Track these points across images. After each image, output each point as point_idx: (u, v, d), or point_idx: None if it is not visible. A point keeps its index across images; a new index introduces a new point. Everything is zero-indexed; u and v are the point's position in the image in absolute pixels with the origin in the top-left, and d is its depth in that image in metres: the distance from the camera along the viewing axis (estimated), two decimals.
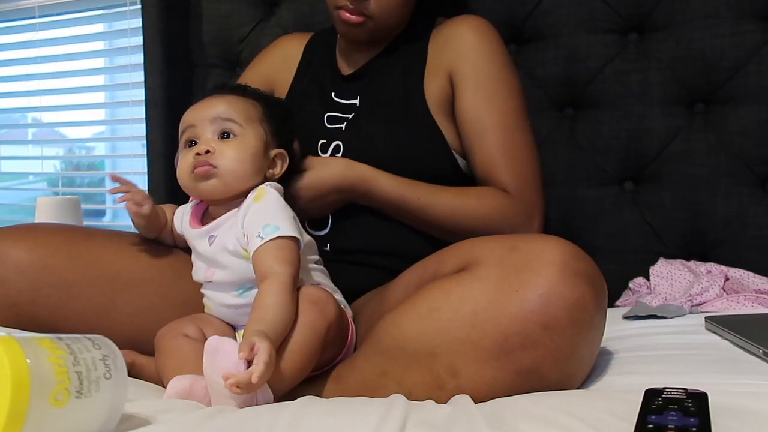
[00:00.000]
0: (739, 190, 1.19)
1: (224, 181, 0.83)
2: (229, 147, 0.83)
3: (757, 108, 1.17)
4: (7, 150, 2.34)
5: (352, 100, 1.06)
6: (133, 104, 1.86)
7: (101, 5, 1.93)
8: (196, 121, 0.85)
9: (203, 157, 0.82)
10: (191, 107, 0.88)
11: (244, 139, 0.84)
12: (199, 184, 0.83)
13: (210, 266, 0.85)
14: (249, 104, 0.88)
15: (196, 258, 0.88)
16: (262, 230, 0.78)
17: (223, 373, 0.65)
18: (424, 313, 0.71)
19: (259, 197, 0.82)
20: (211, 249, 0.84)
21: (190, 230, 0.88)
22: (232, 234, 0.82)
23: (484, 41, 1.03)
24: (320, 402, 0.67)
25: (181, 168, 0.85)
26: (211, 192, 0.84)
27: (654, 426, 0.51)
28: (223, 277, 0.84)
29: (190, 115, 0.87)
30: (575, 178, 1.27)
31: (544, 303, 0.65)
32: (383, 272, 0.96)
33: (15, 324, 0.84)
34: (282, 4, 1.47)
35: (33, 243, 0.88)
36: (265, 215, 0.80)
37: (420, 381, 0.70)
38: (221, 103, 0.86)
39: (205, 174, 0.82)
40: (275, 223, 0.78)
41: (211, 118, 0.84)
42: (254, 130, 0.86)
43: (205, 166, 0.82)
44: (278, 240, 0.78)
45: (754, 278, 1.05)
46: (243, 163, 0.83)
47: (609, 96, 1.26)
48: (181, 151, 0.87)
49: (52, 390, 0.50)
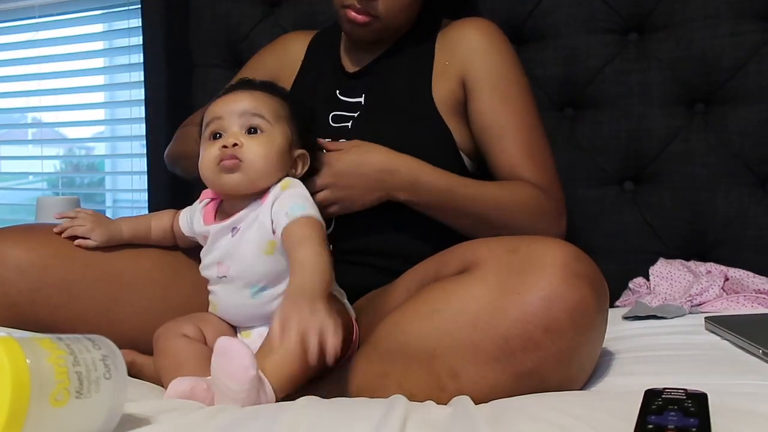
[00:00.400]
0: (739, 190, 1.19)
1: (248, 177, 0.82)
2: (256, 143, 0.83)
3: (757, 108, 1.17)
4: (7, 150, 2.34)
5: (357, 98, 1.05)
6: (133, 104, 1.86)
7: (101, 5, 1.93)
8: (223, 113, 0.84)
9: (230, 150, 0.81)
10: (218, 99, 0.87)
11: (271, 136, 0.84)
12: (223, 177, 0.82)
13: (225, 261, 0.84)
14: (277, 102, 0.87)
15: (209, 253, 0.86)
16: (289, 210, 0.78)
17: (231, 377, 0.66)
18: (425, 315, 0.71)
19: (286, 186, 0.83)
20: (233, 240, 0.83)
21: (207, 227, 0.86)
22: (256, 226, 0.82)
23: (494, 43, 1.03)
24: (320, 402, 0.67)
25: (205, 159, 0.84)
26: (233, 186, 0.83)
27: (654, 426, 0.51)
28: (238, 272, 0.83)
29: (217, 107, 0.85)
30: (575, 178, 1.27)
31: (545, 305, 0.65)
32: (385, 273, 0.96)
33: (15, 324, 0.84)
34: (282, 4, 1.47)
35: (33, 243, 0.88)
36: (293, 200, 0.80)
37: (420, 382, 0.70)
38: (250, 97, 0.85)
39: (231, 167, 0.81)
40: (302, 204, 0.79)
41: (240, 112, 0.83)
42: (281, 128, 0.85)
43: (232, 159, 0.81)
44: (305, 218, 0.78)
45: (753, 278, 1.05)
46: (269, 160, 0.83)
47: (609, 96, 1.26)
48: (204, 143, 0.85)
49: (52, 390, 0.50)
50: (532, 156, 1.00)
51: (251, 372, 0.66)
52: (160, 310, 0.92)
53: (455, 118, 1.02)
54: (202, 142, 0.86)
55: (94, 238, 0.90)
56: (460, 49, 1.03)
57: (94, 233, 0.90)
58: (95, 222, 0.91)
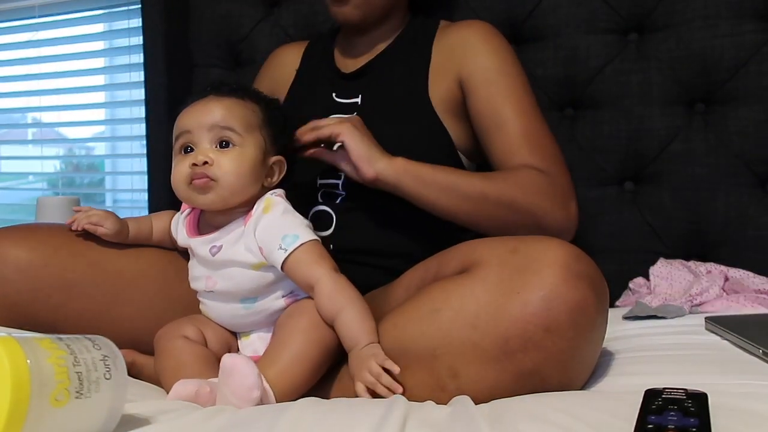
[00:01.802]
0: (739, 190, 1.19)
1: (221, 196, 0.80)
2: (227, 158, 0.80)
3: (757, 108, 1.17)
4: (7, 150, 2.34)
5: (353, 98, 1.05)
6: (133, 104, 1.86)
7: (101, 5, 1.92)
8: (192, 127, 0.81)
9: (201, 168, 0.79)
10: (187, 109, 0.84)
11: (243, 150, 0.81)
12: (196, 196, 0.81)
13: (212, 276, 0.84)
14: (248, 109, 0.84)
15: (196, 266, 0.86)
16: (282, 242, 0.78)
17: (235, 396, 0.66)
18: (425, 314, 0.71)
19: (268, 209, 0.81)
20: (214, 259, 0.82)
21: (190, 240, 0.86)
22: (241, 245, 0.80)
23: (492, 42, 1.03)
24: (320, 402, 0.67)
25: (176, 176, 0.81)
26: (208, 205, 0.82)
27: (654, 426, 0.51)
28: (227, 287, 0.82)
29: (185, 119, 0.82)
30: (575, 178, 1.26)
31: (545, 305, 0.65)
32: (385, 272, 0.96)
33: (15, 324, 0.84)
34: (282, 4, 1.47)
35: (34, 243, 0.88)
36: (280, 227, 0.79)
37: (421, 382, 0.70)
38: (219, 108, 0.82)
39: (202, 186, 0.80)
40: (293, 232, 0.78)
41: (209, 125, 0.80)
42: (254, 138, 0.82)
43: (202, 178, 0.79)
44: (302, 246, 0.78)
45: (754, 278, 1.05)
46: (241, 176, 0.80)
47: (609, 96, 1.26)
48: (175, 157, 0.83)
49: (52, 390, 0.50)
50: (532, 142, 0.98)
51: (255, 393, 0.67)
52: (160, 309, 0.92)
53: (453, 119, 1.02)
54: (174, 155, 0.83)
55: (107, 227, 0.89)
56: (458, 50, 1.03)
57: (107, 222, 0.89)
58: (108, 213, 0.91)
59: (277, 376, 0.72)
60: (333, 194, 1.02)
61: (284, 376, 0.72)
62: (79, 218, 0.90)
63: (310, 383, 0.75)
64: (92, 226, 0.89)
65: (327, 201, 1.01)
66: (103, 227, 0.89)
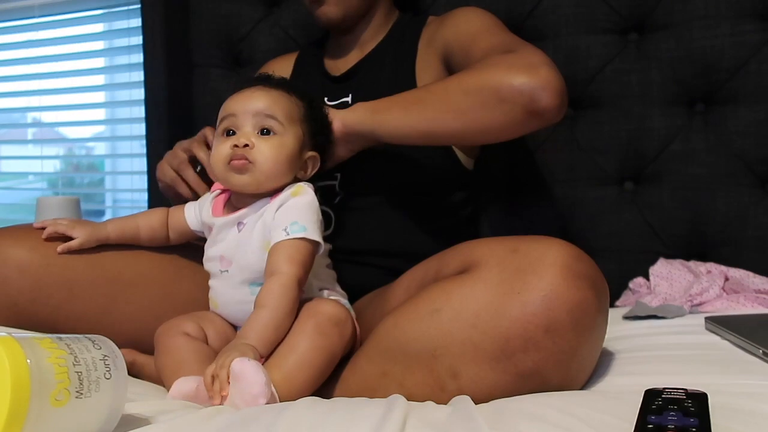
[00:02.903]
0: (739, 190, 1.19)
1: (256, 178, 0.82)
2: (267, 145, 0.82)
3: (757, 108, 1.17)
4: (7, 150, 2.34)
5: (343, 98, 1.06)
6: (133, 104, 1.86)
7: (101, 5, 1.92)
8: (237, 111, 0.84)
9: (241, 150, 0.82)
10: (234, 95, 0.86)
11: (282, 138, 0.84)
12: (232, 176, 0.83)
13: (227, 255, 0.85)
14: (293, 103, 0.86)
15: (214, 244, 0.87)
16: (289, 226, 0.79)
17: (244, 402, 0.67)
18: (425, 314, 0.71)
19: (297, 193, 0.83)
20: (239, 236, 0.84)
21: (215, 219, 0.87)
22: (261, 223, 0.82)
23: (473, 10, 1.03)
24: (320, 402, 0.67)
25: (216, 156, 0.84)
26: (241, 186, 0.84)
27: (654, 426, 0.51)
28: (240, 267, 0.84)
29: (232, 103, 0.85)
30: (575, 178, 1.27)
31: (545, 305, 0.65)
32: (385, 272, 0.96)
33: (15, 323, 0.84)
34: (282, 4, 1.47)
35: (34, 242, 0.88)
36: (297, 213, 0.81)
37: (421, 382, 0.70)
38: (266, 97, 0.85)
39: (240, 167, 0.82)
40: (304, 223, 0.80)
41: (254, 112, 0.83)
42: (294, 130, 0.85)
43: (241, 159, 0.82)
44: (300, 240, 0.79)
45: (754, 278, 1.05)
46: (278, 163, 0.83)
47: (609, 96, 1.26)
48: (217, 138, 0.86)
49: (52, 390, 0.50)
50: (507, 45, 0.91)
51: (261, 401, 0.67)
52: (160, 309, 0.92)
53: None
54: (216, 136, 0.86)
55: (75, 235, 0.89)
56: (439, 30, 1.03)
57: (75, 230, 0.89)
58: (75, 221, 0.91)
59: (282, 381, 0.72)
60: (331, 194, 1.02)
61: (290, 382, 0.73)
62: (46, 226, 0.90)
63: (314, 389, 0.75)
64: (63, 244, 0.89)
65: (325, 201, 1.01)
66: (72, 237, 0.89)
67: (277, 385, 0.71)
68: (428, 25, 1.08)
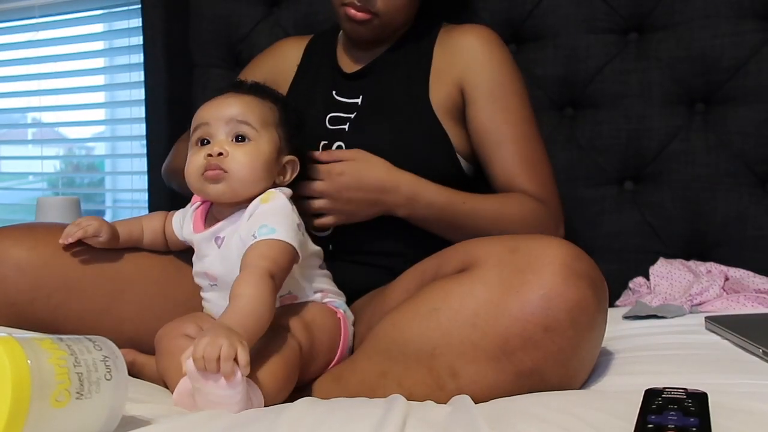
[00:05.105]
0: (739, 190, 1.19)
1: (233, 187, 0.81)
2: (241, 152, 0.81)
3: (757, 108, 1.17)
4: (7, 150, 2.34)
5: (354, 98, 1.05)
6: (133, 104, 1.86)
7: (101, 5, 1.92)
8: (210, 119, 0.83)
9: (215, 159, 0.81)
10: (207, 103, 0.86)
11: (257, 144, 0.82)
12: (208, 186, 0.82)
13: (212, 272, 0.84)
14: (266, 107, 0.86)
15: (199, 260, 0.86)
16: (258, 230, 0.77)
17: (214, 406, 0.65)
18: (424, 314, 0.71)
19: (266, 199, 0.81)
20: (220, 252, 0.83)
21: (195, 235, 0.86)
22: (237, 237, 0.81)
23: (494, 52, 1.03)
24: (320, 403, 0.67)
25: (190, 167, 0.83)
26: (218, 196, 0.83)
27: (654, 426, 0.51)
28: (228, 282, 0.81)
29: (204, 112, 0.84)
30: (575, 178, 1.27)
31: (545, 304, 0.65)
32: (384, 272, 0.96)
33: (15, 324, 0.84)
34: (282, 4, 1.47)
35: (34, 242, 0.88)
36: (266, 216, 0.79)
37: (420, 381, 0.70)
38: (238, 103, 0.84)
39: (214, 177, 0.81)
40: (273, 225, 0.77)
41: (227, 119, 0.82)
42: (269, 135, 0.84)
43: (215, 169, 0.80)
44: (272, 240, 0.76)
45: (754, 278, 1.05)
46: (254, 170, 0.82)
47: (609, 96, 1.26)
48: (191, 148, 0.85)
49: (52, 391, 0.50)
50: (531, 166, 1.00)
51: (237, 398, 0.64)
52: (160, 309, 0.92)
53: (452, 122, 1.02)
54: (190, 147, 0.85)
55: (102, 236, 0.88)
56: (460, 56, 1.03)
57: (103, 230, 0.88)
58: (101, 221, 0.90)
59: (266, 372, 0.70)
60: None
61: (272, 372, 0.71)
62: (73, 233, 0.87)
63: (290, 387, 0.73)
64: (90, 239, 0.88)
65: None
66: (99, 237, 0.88)
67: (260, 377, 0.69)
68: (442, 32, 1.07)
